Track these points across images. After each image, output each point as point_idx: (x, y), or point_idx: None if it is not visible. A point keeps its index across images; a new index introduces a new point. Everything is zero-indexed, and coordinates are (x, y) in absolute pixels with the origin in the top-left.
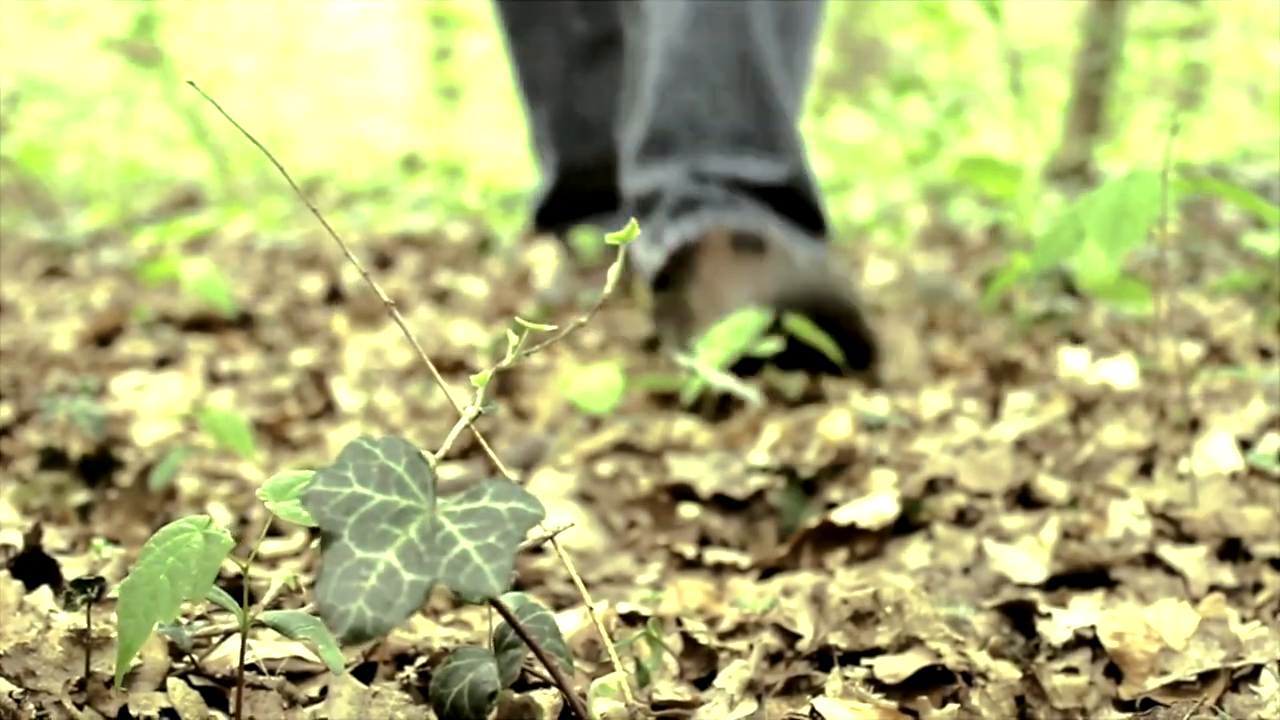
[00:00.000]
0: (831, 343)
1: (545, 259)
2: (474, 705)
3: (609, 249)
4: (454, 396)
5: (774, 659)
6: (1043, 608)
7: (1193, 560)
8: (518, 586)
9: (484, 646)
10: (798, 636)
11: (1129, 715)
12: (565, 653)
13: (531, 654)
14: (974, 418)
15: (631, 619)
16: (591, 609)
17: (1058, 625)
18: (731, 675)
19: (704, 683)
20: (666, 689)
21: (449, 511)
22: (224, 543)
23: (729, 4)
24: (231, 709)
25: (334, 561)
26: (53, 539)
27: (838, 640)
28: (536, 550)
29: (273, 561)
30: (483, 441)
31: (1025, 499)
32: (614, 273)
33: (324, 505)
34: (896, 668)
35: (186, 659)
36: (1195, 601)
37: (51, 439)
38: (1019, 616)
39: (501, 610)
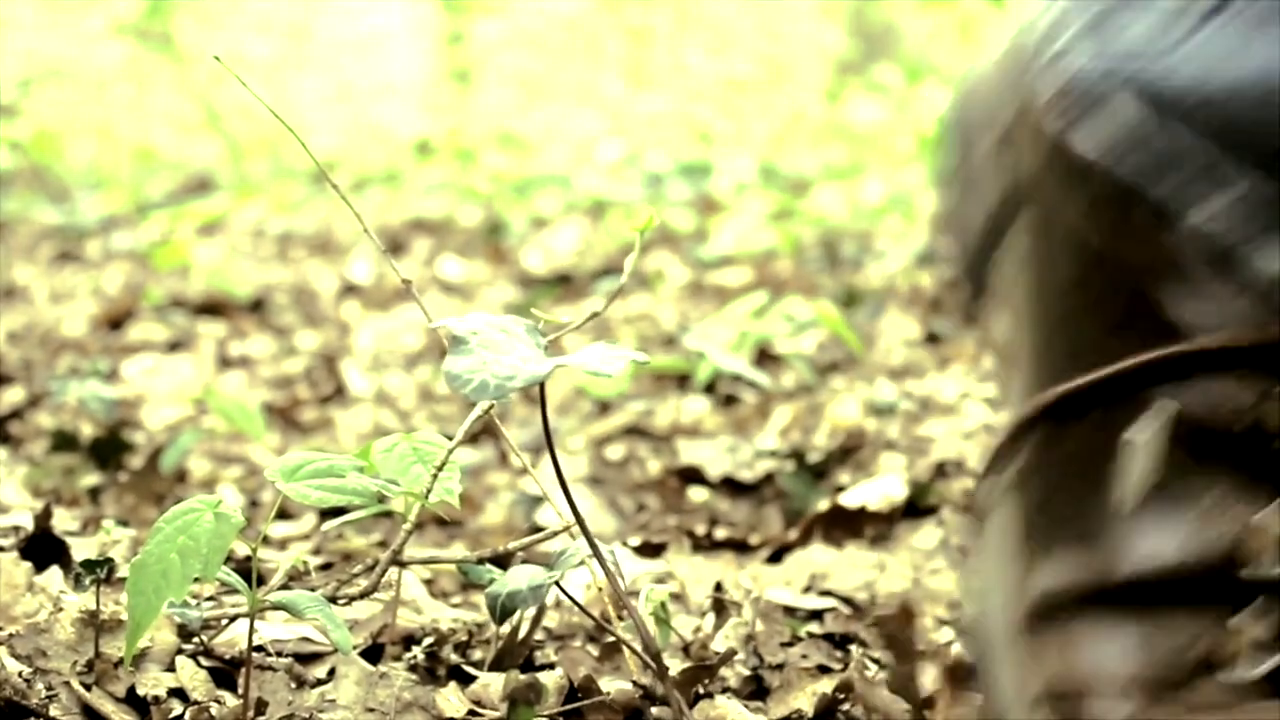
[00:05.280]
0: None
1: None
2: (532, 590)
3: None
4: None
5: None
6: None
7: None
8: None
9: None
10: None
11: None
12: (618, 564)
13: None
14: (984, 402)
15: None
16: (601, 589)
17: None
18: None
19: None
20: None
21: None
22: (235, 522)
23: None
24: (240, 689)
25: (459, 357)
26: (63, 521)
27: None
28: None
29: (282, 544)
30: (498, 425)
31: None
32: (631, 261)
33: (456, 326)
34: None
35: (195, 640)
36: None
37: (62, 422)
38: None
39: (561, 479)
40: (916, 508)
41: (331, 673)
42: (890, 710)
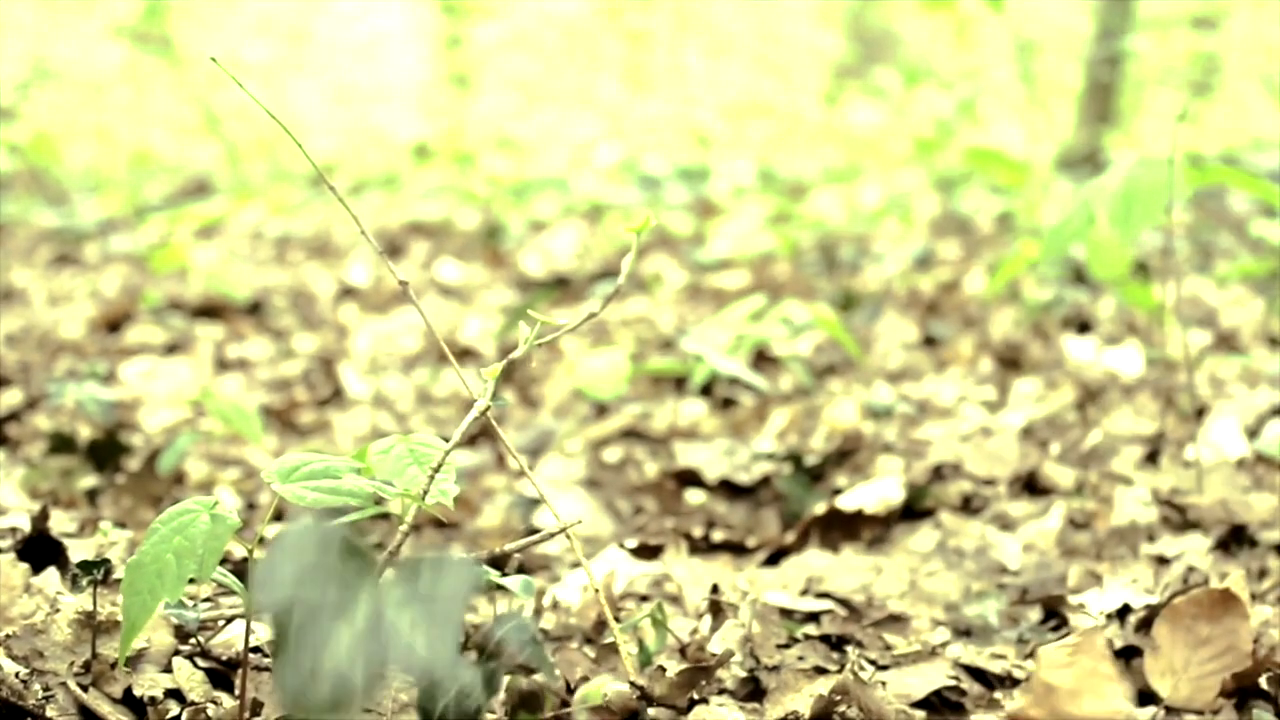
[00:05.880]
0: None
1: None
2: (461, 718)
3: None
4: (466, 385)
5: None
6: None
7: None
8: (521, 570)
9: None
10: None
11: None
12: (545, 661)
13: (516, 660)
14: (981, 405)
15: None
16: (598, 591)
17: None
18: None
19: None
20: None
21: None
22: (230, 523)
23: None
24: (236, 690)
25: (285, 664)
26: (60, 522)
27: None
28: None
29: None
30: (496, 429)
31: (1031, 486)
32: (629, 263)
33: (268, 600)
34: None
35: (192, 641)
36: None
37: (60, 424)
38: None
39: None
40: (913, 510)
41: None
42: (884, 712)
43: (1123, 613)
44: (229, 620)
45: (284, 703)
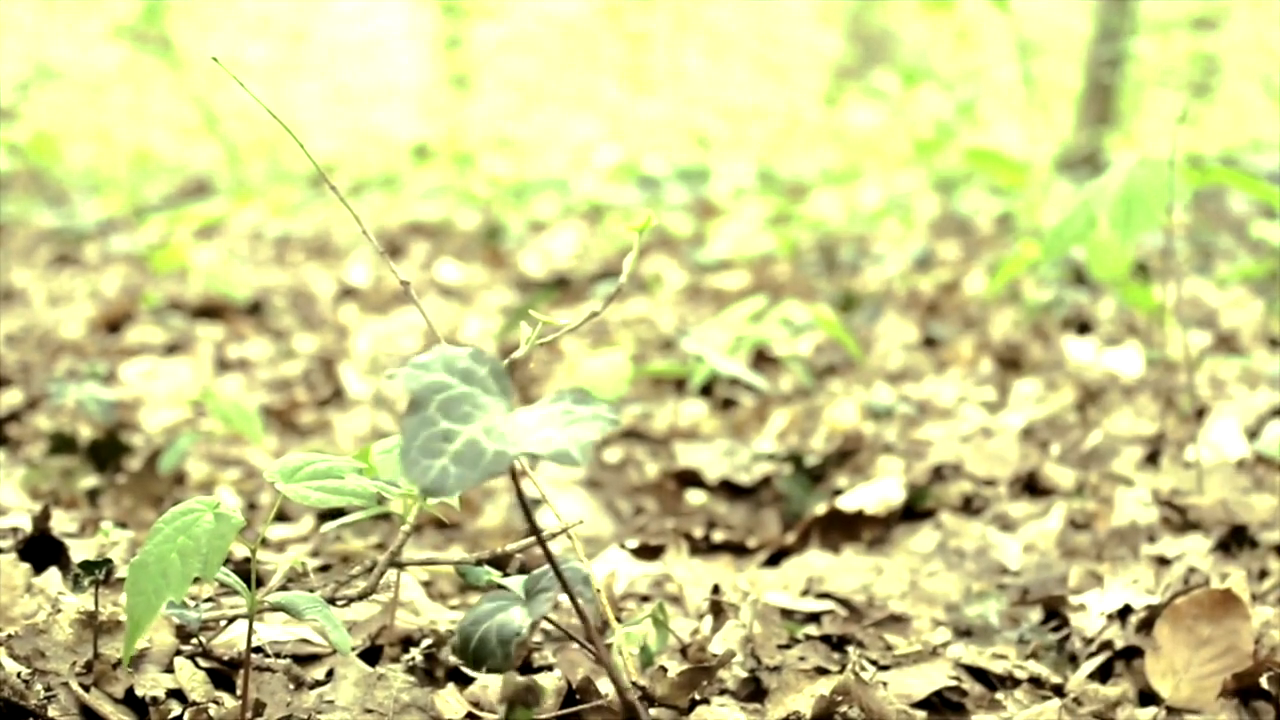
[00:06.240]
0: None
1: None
2: (501, 643)
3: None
4: None
5: None
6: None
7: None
8: (522, 570)
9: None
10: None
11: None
12: (595, 601)
13: (560, 600)
14: (981, 405)
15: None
16: (599, 591)
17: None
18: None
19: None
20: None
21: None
22: (234, 522)
23: None
24: (238, 690)
25: (418, 426)
26: (61, 522)
27: None
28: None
29: (280, 546)
30: None
31: (1032, 486)
32: (630, 262)
33: (413, 381)
34: None
35: (194, 641)
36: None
37: (61, 424)
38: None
39: (542, 545)
40: (914, 511)
41: (330, 674)
42: (886, 712)
43: (1124, 613)
44: (231, 620)
45: (409, 471)
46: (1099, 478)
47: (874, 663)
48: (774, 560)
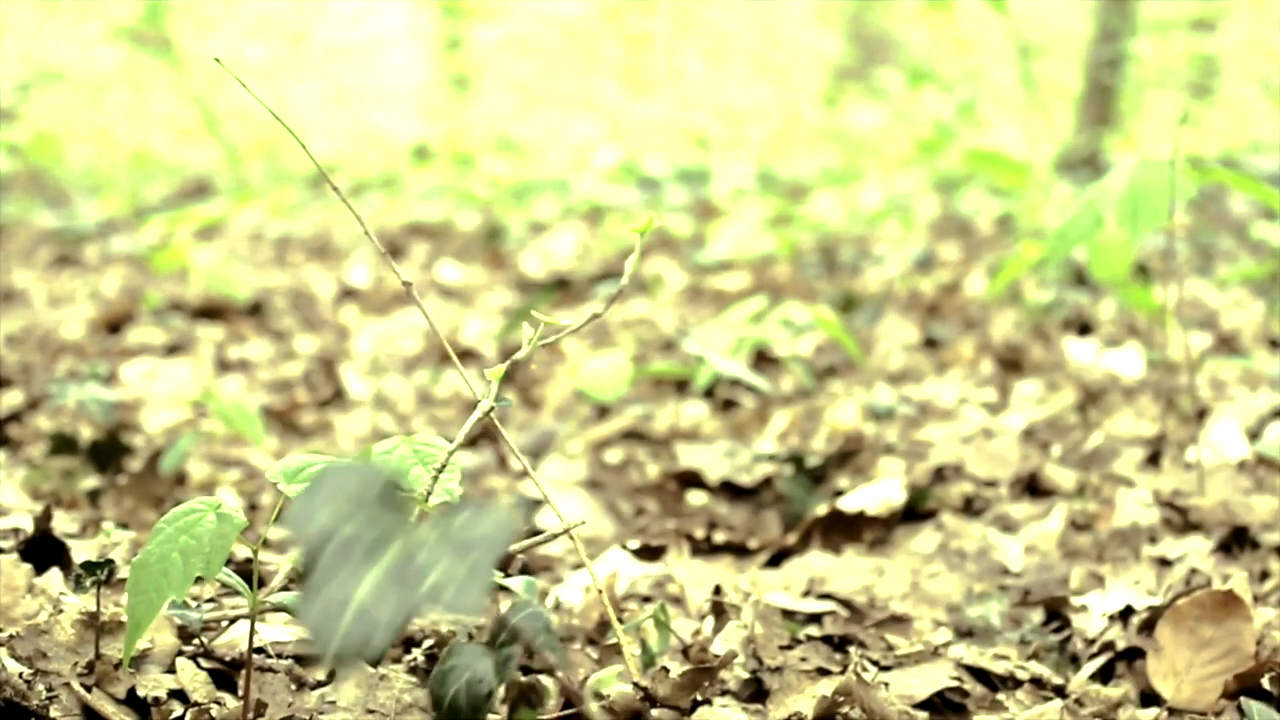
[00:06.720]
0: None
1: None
2: (471, 703)
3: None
4: (470, 386)
5: None
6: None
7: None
8: (524, 571)
9: (480, 644)
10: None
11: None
12: (559, 649)
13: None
14: (982, 406)
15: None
16: (600, 592)
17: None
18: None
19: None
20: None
21: (425, 538)
22: (237, 522)
23: None
24: (240, 691)
25: (315, 589)
26: (62, 523)
27: None
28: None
29: (282, 546)
30: (499, 429)
31: (1033, 487)
32: (631, 263)
33: (302, 531)
34: None
35: (196, 641)
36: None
37: (61, 424)
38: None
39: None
40: (915, 512)
41: (332, 675)
42: (887, 712)
43: (1125, 614)
44: (232, 621)
45: (307, 637)
46: (1100, 479)
47: (875, 663)
48: (775, 561)
